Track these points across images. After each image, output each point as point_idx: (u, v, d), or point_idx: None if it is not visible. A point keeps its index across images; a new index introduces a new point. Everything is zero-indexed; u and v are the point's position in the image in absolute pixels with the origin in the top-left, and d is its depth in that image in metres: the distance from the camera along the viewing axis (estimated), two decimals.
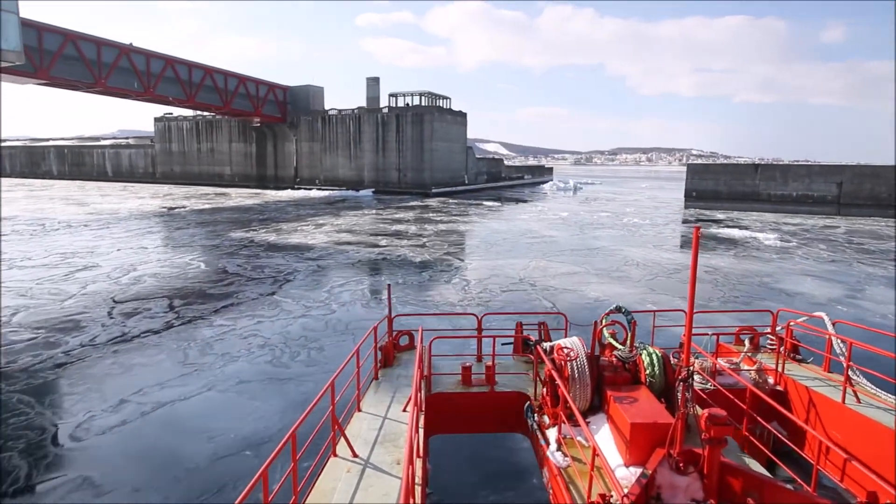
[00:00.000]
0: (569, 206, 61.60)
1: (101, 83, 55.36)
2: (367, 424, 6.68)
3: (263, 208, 52.47)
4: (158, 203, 56.83)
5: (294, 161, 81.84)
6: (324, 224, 39.46)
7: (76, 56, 52.89)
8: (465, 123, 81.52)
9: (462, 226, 40.28)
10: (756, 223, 43.86)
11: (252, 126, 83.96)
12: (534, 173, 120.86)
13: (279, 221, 41.27)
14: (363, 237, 33.16)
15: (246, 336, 14.47)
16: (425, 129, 71.58)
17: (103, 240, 30.76)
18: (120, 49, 57.32)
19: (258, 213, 47.11)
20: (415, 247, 29.68)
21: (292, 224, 39.42)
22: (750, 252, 29.27)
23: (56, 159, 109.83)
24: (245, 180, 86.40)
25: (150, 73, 60.60)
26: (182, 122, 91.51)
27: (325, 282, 20.92)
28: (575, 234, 36.06)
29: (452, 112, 77.52)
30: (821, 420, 7.66)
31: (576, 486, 5.68)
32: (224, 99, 70.37)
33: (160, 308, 17.12)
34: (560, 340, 7.48)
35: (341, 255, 26.93)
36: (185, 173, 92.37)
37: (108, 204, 55.31)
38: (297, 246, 29.43)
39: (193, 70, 66.18)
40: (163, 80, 62.55)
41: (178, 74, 64.12)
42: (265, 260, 25.34)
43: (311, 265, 24.18)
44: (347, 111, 77.11)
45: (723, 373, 8.26)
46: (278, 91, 79.91)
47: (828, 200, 52.15)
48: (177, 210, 49.75)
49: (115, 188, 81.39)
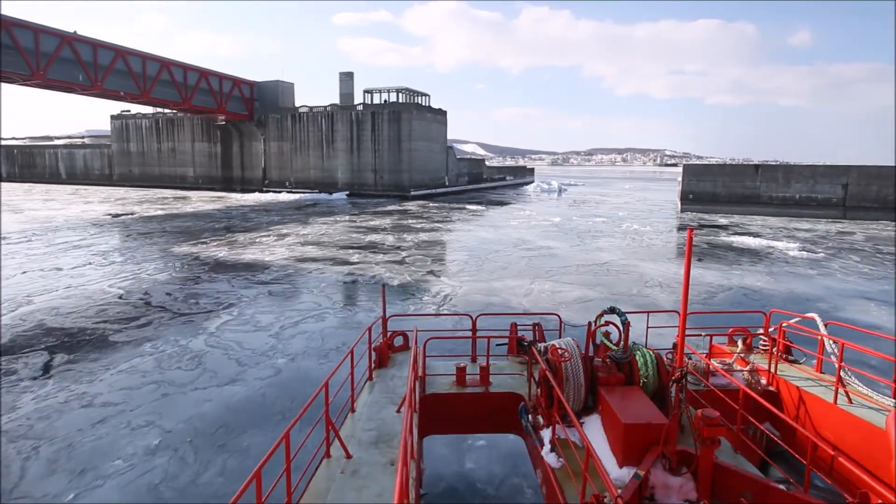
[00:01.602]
0: (558, 209, 57.54)
1: (38, 75, 49.31)
2: (361, 425, 6.56)
3: (223, 214, 47.13)
4: (105, 209, 50.94)
5: (262, 162, 76.23)
6: (287, 234, 34.45)
7: (10, 45, 46.81)
8: (446, 122, 76.96)
9: (445, 234, 35.73)
10: (765, 229, 40.26)
11: (217, 124, 78.09)
12: (515, 174, 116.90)
13: (237, 231, 36.13)
14: (332, 251, 28.35)
15: (133, 427, 9.63)
16: (403, 127, 66.80)
17: (13, 258, 25.35)
18: (62, 37, 51.31)
19: (215, 221, 41.81)
20: (392, 263, 25.02)
21: (251, 235, 34.33)
22: (780, 267, 25.32)
23: (5, 160, 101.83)
24: (210, 182, 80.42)
25: (97, 65, 54.64)
26: (141, 119, 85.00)
27: (274, 319, 16.13)
28: (575, 244, 31.78)
29: (432, 110, 72.88)
30: (813, 420, 7.66)
31: (569, 487, 5.62)
32: (183, 94, 64.53)
33: (30, 369, 12.14)
34: (554, 341, 7.36)
35: (302, 276, 22.10)
36: (144, 175, 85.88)
37: (48, 210, 49.27)
38: (251, 265, 24.50)
39: (148, 62, 60.27)
40: (113, 73, 56.61)
41: (131, 67, 58.19)
42: (206, 285, 20.40)
43: (260, 292, 19.33)
44: (319, 108, 71.88)
45: (716, 373, 8.34)
46: (244, 87, 74.23)
47: (833, 203, 48.98)
48: (122, 217, 44.10)
49: (65, 192, 74.66)
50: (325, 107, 71.57)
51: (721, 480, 5.44)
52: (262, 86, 75.70)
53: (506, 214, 50.53)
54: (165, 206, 55.31)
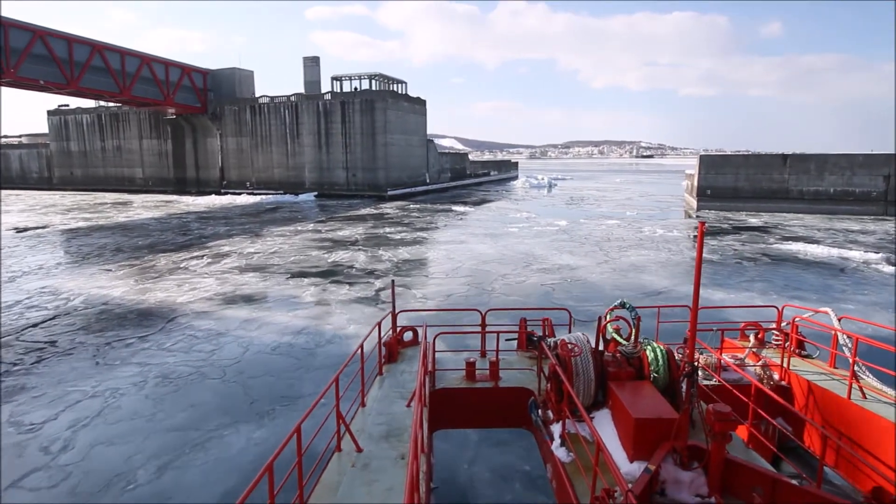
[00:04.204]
0: (556, 209, 50.46)
1: None
2: (372, 420, 6.49)
3: (160, 225, 38.87)
4: (19, 220, 42.17)
5: (219, 160, 67.58)
6: (227, 254, 26.57)
7: None
8: (425, 112, 69.29)
9: (432, 249, 28.28)
10: (813, 231, 33.69)
11: (167, 118, 69.18)
12: (500, 169, 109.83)
13: (162, 250, 28.12)
14: (278, 282, 20.70)
15: None
16: (377, 118, 58.93)
17: None
18: None
19: (143, 236, 33.60)
20: (361, 303, 17.52)
21: (178, 256, 26.37)
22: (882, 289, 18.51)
23: None
24: (161, 184, 71.48)
25: (9, 49, 45.67)
26: (82, 115, 75.48)
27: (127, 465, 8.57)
28: (601, 260, 24.62)
29: (409, 98, 65.11)
30: (826, 415, 7.36)
31: (580, 482, 5.50)
32: (121, 84, 55.62)
33: None
34: (564, 336, 7.24)
35: (211, 343, 14.37)
36: (88, 177, 76.41)
37: None
38: (148, 314, 16.72)
39: (75, 46, 51.29)
40: (30, 59, 47.63)
41: (53, 51, 49.20)
42: (51, 364, 12.63)
43: (117, 389, 11.65)
44: (282, 98, 63.50)
45: (727, 368, 8.17)
46: (196, 75, 65.43)
47: (873, 198, 42.75)
48: (32, 232, 35.59)
49: None
50: (289, 97, 63.23)
51: (732, 475, 5.26)
52: (216, 74, 66.98)
53: (500, 217, 43.21)
54: (97, 214, 46.68)
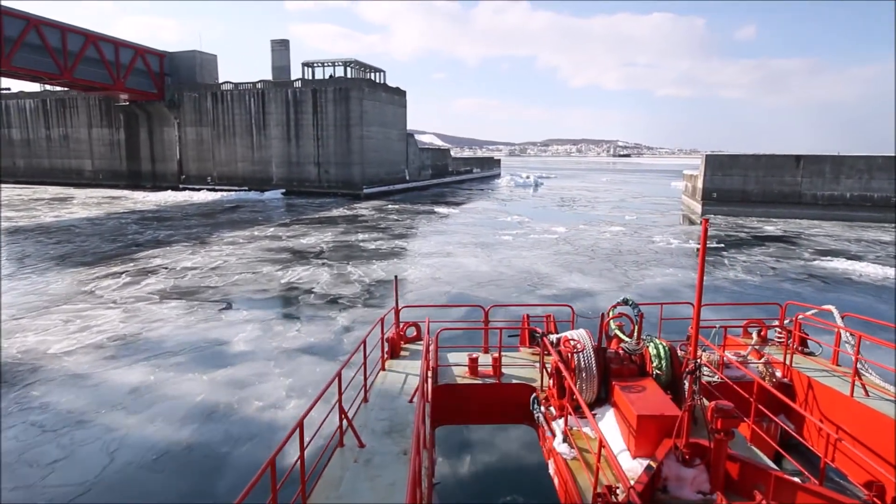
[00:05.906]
0: (549, 212, 46.01)
1: None
2: (374, 415, 6.46)
3: (91, 228, 33.12)
4: None
5: (177, 152, 61.39)
6: (155, 271, 21.26)
7: None
8: (405, 104, 64.13)
9: (413, 263, 23.42)
10: (842, 242, 29.79)
11: (119, 105, 62.68)
12: (483, 166, 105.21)
13: (72, 265, 22.63)
14: (206, 316, 15.60)
15: None
16: (353, 108, 53.59)
17: None
18: None
19: (62, 243, 27.93)
20: (314, 354, 12.61)
21: (91, 272, 20.96)
22: None
23: None
24: (113, 178, 64.96)
25: None
26: (24, 100, 68.40)
27: None
28: (621, 282, 20.08)
29: (388, 88, 59.86)
30: (829, 413, 7.34)
31: (582, 478, 5.53)
32: (61, 64, 49.20)
33: None
34: (567, 332, 7.28)
35: (68, 432, 9.34)
36: (31, 169, 69.40)
37: None
38: (5, 370, 11.55)
39: (5, 19, 44.78)
40: None
41: None
42: None
43: None
44: (247, 85, 57.65)
45: (730, 365, 8.11)
46: (151, 58, 59.01)
47: (893, 204, 39.33)
48: None
49: None
50: (255, 83, 57.41)
51: (734, 472, 5.27)
52: (174, 57, 60.73)
53: (489, 221, 38.50)
54: (23, 212, 40.50)
